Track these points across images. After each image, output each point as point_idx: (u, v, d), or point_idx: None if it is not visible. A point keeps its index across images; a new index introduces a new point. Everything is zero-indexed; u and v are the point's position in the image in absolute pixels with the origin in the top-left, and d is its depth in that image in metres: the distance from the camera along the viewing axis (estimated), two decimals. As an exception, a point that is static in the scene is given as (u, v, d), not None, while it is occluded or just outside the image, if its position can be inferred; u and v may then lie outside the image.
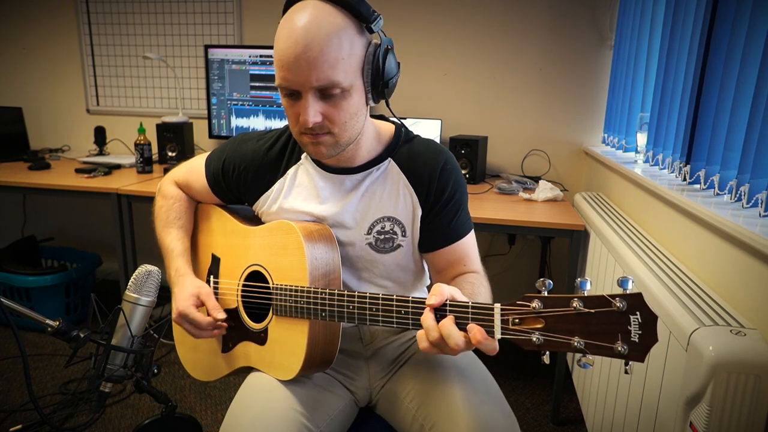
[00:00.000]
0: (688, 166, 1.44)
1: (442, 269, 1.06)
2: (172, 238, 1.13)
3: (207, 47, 2.53)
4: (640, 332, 0.65)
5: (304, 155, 1.05)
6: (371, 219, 1.02)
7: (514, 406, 2.04)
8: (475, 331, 0.73)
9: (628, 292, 0.66)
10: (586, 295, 0.68)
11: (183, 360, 1.21)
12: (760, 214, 1.09)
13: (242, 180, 1.09)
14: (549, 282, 0.71)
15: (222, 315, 1.02)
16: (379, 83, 0.91)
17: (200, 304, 1.03)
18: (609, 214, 1.81)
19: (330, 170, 1.03)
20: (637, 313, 0.65)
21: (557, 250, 2.53)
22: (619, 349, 0.65)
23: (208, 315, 1.02)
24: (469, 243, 1.05)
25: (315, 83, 0.84)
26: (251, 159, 1.08)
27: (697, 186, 1.41)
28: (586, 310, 0.67)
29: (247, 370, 1.08)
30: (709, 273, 1.22)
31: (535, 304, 0.71)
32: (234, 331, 1.08)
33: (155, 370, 1.11)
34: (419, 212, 1.02)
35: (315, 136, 0.90)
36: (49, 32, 2.96)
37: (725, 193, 1.26)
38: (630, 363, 0.66)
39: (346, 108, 0.88)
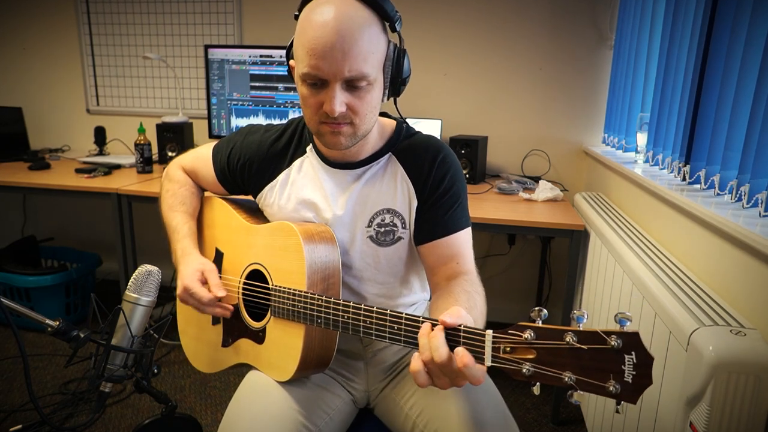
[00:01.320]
0: (688, 166, 1.44)
1: (436, 267, 1.04)
2: (179, 221, 1.13)
3: (207, 47, 2.53)
4: (634, 373, 0.62)
5: (309, 148, 1.06)
6: (371, 211, 1.02)
7: (514, 405, 2.04)
8: (462, 354, 0.70)
9: (624, 330, 0.63)
10: (581, 329, 0.66)
11: (185, 348, 1.22)
12: (760, 214, 1.09)
13: (247, 170, 1.10)
14: (545, 312, 0.69)
15: (222, 293, 1.01)
16: (397, 80, 0.95)
17: (204, 281, 1.03)
18: (609, 214, 1.81)
19: (333, 165, 1.04)
20: (633, 352, 0.62)
21: (557, 250, 2.53)
22: (611, 389, 0.63)
23: (210, 292, 1.02)
24: (463, 239, 1.04)
25: (347, 74, 0.85)
26: (257, 150, 1.09)
27: (697, 186, 1.41)
28: (579, 345, 0.65)
29: (246, 366, 1.08)
30: (709, 273, 1.22)
31: (528, 334, 0.68)
32: (234, 327, 1.08)
33: (155, 370, 1.11)
34: (415, 203, 1.02)
35: (336, 126, 0.90)
36: (48, 32, 2.96)
37: (725, 193, 1.26)
38: (621, 403, 0.64)
39: (369, 100, 0.90)
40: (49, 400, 1.98)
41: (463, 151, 2.27)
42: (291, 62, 0.96)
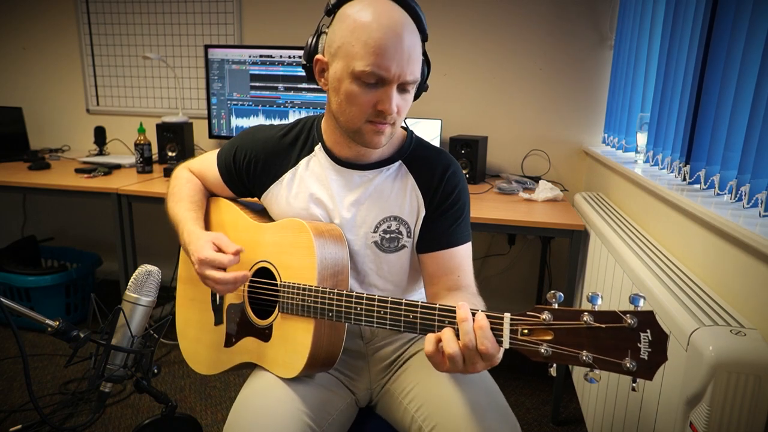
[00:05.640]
0: (688, 166, 1.44)
1: (436, 277, 1.04)
2: (186, 209, 1.11)
3: (207, 47, 2.53)
4: (650, 350, 0.64)
5: (318, 147, 1.07)
6: (378, 217, 1.03)
7: (514, 406, 2.04)
8: (480, 317, 0.74)
9: (639, 309, 0.65)
10: (597, 309, 0.68)
11: (184, 352, 1.21)
12: (760, 214, 1.09)
13: (253, 168, 1.10)
14: (560, 294, 0.71)
15: (237, 247, 0.98)
16: (422, 88, 1.00)
17: (217, 249, 1.00)
18: (609, 214, 1.81)
19: (342, 164, 1.04)
20: (648, 330, 0.64)
21: (557, 250, 2.53)
22: (628, 365, 0.65)
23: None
24: (465, 254, 1.05)
25: (408, 77, 0.89)
26: (263, 147, 1.09)
27: (697, 186, 1.41)
28: (597, 324, 0.67)
29: (248, 366, 1.08)
30: (709, 273, 1.22)
31: (545, 315, 0.70)
32: (238, 327, 1.08)
33: (155, 370, 1.11)
34: (423, 213, 1.03)
35: (382, 125, 0.92)
36: (49, 32, 2.96)
37: (725, 193, 1.26)
38: (637, 380, 0.66)
39: (409, 102, 0.95)
40: (49, 400, 1.98)
41: (463, 151, 2.27)
42: (318, 56, 0.95)
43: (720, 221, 1.11)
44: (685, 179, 1.46)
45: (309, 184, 1.06)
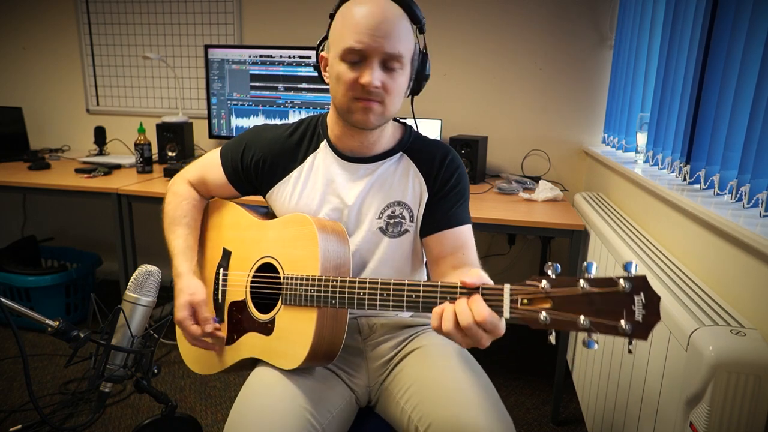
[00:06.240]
0: (688, 166, 1.44)
1: (441, 257, 1.07)
2: (176, 236, 1.15)
3: (207, 47, 2.53)
4: (643, 312, 0.67)
5: (323, 143, 1.10)
6: (383, 203, 1.07)
7: (514, 406, 2.04)
8: (478, 309, 0.76)
9: (632, 274, 0.68)
10: (592, 276, 0.71)
11: (183, 354, 1.21)
12: (760, 214, 1.09)
13: (260, 167, 1.12)
14: (557, 265, 0.74)
15: (210, 328, 1.06)
16: (420, 77, 1.03)
17: (192, 312, 1.07)
18: (609, 214, 1.81)
19: (347, 159, 1.08)
20: (641, 293, 0.67)
21: (557, 250, 2.53)
22: (624, 327, 0.67)
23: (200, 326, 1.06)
24: (467, 233, 1.09)
25: (388, 49, 0.93)
26: (270, 146, 1.12)
27: (697, 186, 1.41)
28: (593, 290, 0.70)
29: (248, 363, 1.08)
30: (709, 273, 1.22)
31: (543, 284, 0.73)
32: (240, 323, 1.08)
33: (155, 370, 1.11)
34: (426, 196, 1.08)
35: (368, 102, 0.96)
36: (48, 32, 2.96)
37: (725, 193, 1.27)
38: (633, 342, 0.69)
39: (399, 83, 0.98)
40: (49, 400, 1.98)
41: (463, 151, 2.27)
42: (322, 53, 1.04)
43: (720, 221, 1.11)
44: (685, 179, 1.46)
45: (316, 180, 1.09)
